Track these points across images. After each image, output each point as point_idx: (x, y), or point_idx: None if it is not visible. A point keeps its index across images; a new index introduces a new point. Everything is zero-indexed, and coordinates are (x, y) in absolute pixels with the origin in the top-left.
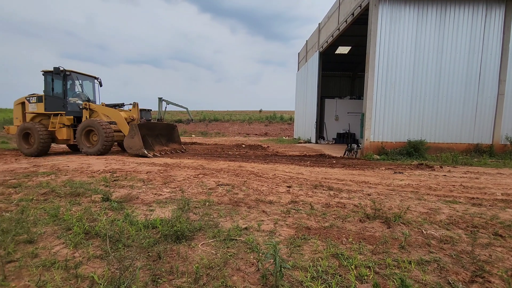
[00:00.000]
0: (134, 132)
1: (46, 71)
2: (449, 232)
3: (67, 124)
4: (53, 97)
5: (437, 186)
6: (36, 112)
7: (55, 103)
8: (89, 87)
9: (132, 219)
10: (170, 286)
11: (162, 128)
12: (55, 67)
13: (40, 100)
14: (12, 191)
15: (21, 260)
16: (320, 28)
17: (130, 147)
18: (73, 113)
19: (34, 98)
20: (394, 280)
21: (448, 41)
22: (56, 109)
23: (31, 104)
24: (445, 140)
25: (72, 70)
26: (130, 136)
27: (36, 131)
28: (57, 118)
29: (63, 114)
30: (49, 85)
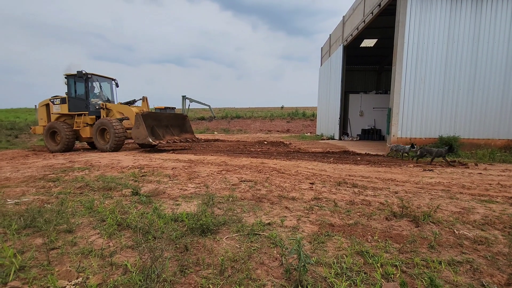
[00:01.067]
0: (138, 122)
1: (69, 75)
2: (484, 233)
3: (89, 123)
4: (76, 99)
5: (471, 185)
6: (60, 113)
7: (78, 104)
8: (108, 88)
9: (160, 212)
10: (197, 277)
11: (171, 119)
12: (78, 70)
13: (64, 101)
14: (52, 184)
15: (62, 247)
16: (344, 21)
17: (137, 137)
18: (94, 113)
19: (58, 99)
20: (422, 280)
21: (485, 30)
22: (79, 109)
23: (55, 106)
24: (480, 135)
25: (92, 73)
26: (135, 127)
27: (62, 129)
28: (81, 118)
29: (86, 114)
30: (72, 87)
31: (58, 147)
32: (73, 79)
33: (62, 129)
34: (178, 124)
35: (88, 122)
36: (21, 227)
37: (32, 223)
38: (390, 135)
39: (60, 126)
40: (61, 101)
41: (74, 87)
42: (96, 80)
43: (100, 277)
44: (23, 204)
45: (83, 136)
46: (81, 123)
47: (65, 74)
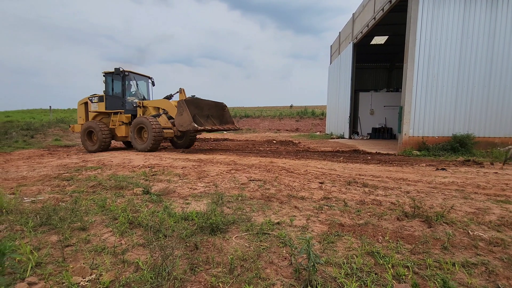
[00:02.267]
0: (182, 108)
1: (106, 72)
2: (500, 234)
3: (125, 122)
4: (113, 97)
5: (486, 185)
6: (98, 111)
7: (114, 102)
8: (144, 86)
9: (170, 211)
10: (207, 275)
11: (212, 108)
12: (116, 68)
13: (101, 99)
14: (66, 183)
15: (77, 245)
16: (354, 19)
17: (180, 125)
18: (130, 111)
19: (95, 98)
20: (435, 281)
21: (502, 23)
22: (116, 107)
23: (93, 104)
24: (497, 134)
25: (129, 71)
26: (179, 114)
27: (98, 129)
28: (117, 116)
29: (122, 112)
30: (109, 85)
31: (95, 147)
32: (110, 76)
33: (98, 128)
34: (218, 114)
35: (123, 120)
36: (37, 225)
37: (48, 221)
38: (402, 133)
39: (96, 125)
40: (99, 99)
41: (112, 85)
42: (133, 78)
43: (113, 274)
44: (39, 202)
45: (119, 135)
46: (117, 121)
47: (104, 72)
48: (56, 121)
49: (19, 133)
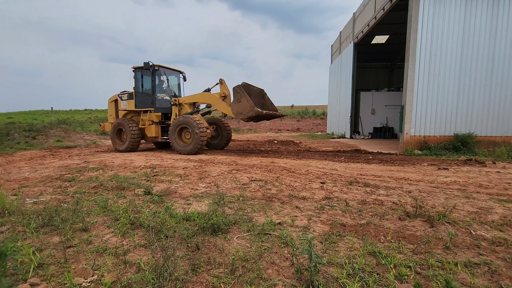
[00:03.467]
0: (240, 94)
1: (136, 67)
2: (503, 234)
3: (155, 121)
4: (143, 94)
5: (489, 184)
6: (127, 109)
7: (144, 100)
8: (175, 82)
9: (171, 211)
10: (209, 276)
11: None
12: (145, 62)
13: (131, 97)
14: (68, 184)
15: (78, 246)
16: (354, 18)
17: (240, 112)
18: (161, 110)
19: (125, 95)
20: (437, 282)
21: (503, 21)
22: (145, 105)
23: (123, 101)
24: (498, 133)
25: (160, 65)
26: (236, 101)
27: (128, 127)
28: (146, 115)
29: (152, 110)
30: (139, 81)
31: (123, 147)
32: (140, 72)
33: (127, 127)
34: (260, 102)
35: (154, 120)
36: (39, 226)
37: (50, 221)
38: (403, 133)
39: (126, 123)
40: (128, 96)
41: (141, 81)
42: (163, 72)
43: (115, 275)
44: (41, 203)
45: (149, 135)
46: (147, 120)
47: (133, 67)
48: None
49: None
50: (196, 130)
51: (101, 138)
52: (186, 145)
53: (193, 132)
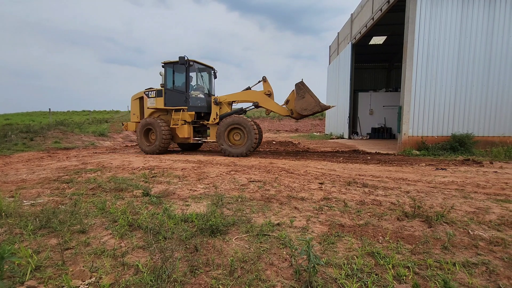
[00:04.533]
0: (303, 90)
1: (166, 62)
2: (501, 234)
3: (188, 120)
4: (174, 91)
5: (486, 184)
6: (155, 107)
7: (176, 98)
8: (206, 79)
9: (170, 213)
10: (207, 277)
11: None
12: (181, 56)
13: (160, 94)
14: (66, 186)
15: (76, 248)
16: (352, 19)
17: (304, 108)
18: (194, 108)
19: (153, 92)
20: (436, 282)
21: (500, 22)
22: (177, 104)
23: (150, 99)
24: (495, 133)
25: (194, 60)
26: (300, 97)
27: (158, 127)
28: (179, 114)
29: (185, 109)
30: (169, 77)
31: (152, 148)
32: (171, 67)
33: (158, 126)
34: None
35: (186, 119)
36: (36, 228)
37: (47, 223)
38: (401, 133)
39: (156, 123)
40: (157, 93)
41: (172, 77)
42: (196, 69)
43: (113, 277)
44: (38, 205)
45: (180, 136)
46: (179, 120)
47: (163, 62)
48: (55, 123)
49: (18, 135)
50: (252, 132)
51: (99, 140)
52: (237, 146)
53: (248, 133)
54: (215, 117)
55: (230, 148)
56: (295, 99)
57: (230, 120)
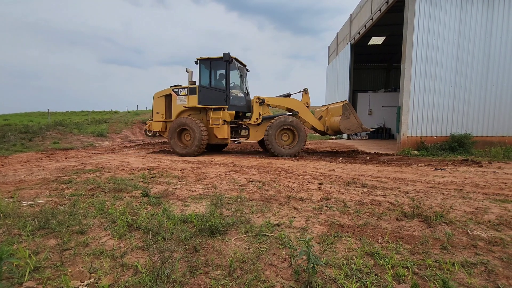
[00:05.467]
0: (349, 112)
1: (203, 59)
2: (499, 234)
3: (228, 120)
4: (211, 89)
5: (485, 184)
6: (188, 106)
7: (213, 96)
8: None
9: (169, 213)
10: (206, 278)
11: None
12: (225, 53)
13: (193, 92)
14: (64, 186)
15: (75, 248)
16: (351, 19)
17: (347, 128)
18: (235, 108)
19: (184, 89)
20: (435, 282)
21: (498, 23)
22: (214, 102)
23: (180, 97)
24: (494, 133)
25: (235, 58)
26: (345, 117)
27: (197, 127)
28: (218, 114)
29: (226, 108)
30: (205, 74)
31: (189, 150)
32: (207, 64)
33: (197, 127)
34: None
35: (226, 119)
36: (35, 229)
37: (46, 224)
38: (400, 133)
39: (194, 123)
40: (189, 91)
41: (209, 74)
42: (236, 67)
43: (112, 278)
44: (37, 206)
45: (219, 136)
46: (220, 119)
47: (198, 58)
48: (54, 124)
49: (17, 136)
50: (303, 134)
51: (98, 140)
52: (288, 147)
53: (299, 135)
54: (257, 117)
55: (281, 149)
56: (341, 119)
57: (283, 121)
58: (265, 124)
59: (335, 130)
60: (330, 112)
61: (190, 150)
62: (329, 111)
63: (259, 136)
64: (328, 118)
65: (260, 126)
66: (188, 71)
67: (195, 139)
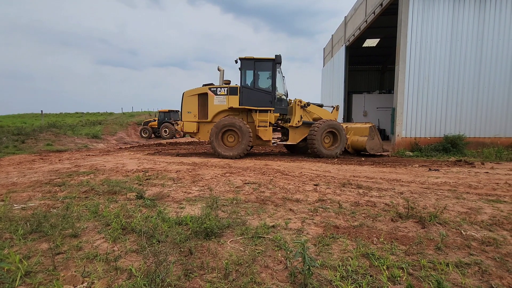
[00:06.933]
0: (374, 133)
1: (247, 58)
2: (492, 234)
3: (272, 122)
4: (255, 90)
5: (478, 184)
6: (230, 106)
7: (257, 97)
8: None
9: (164, 216)
10: (202, 281)
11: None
12: (277, 55)
13: (234, 92)
14: (58, 189)
15: (68, 252)
16: (346, 22)
17: (371, 148)
18: (279, 110)
19: (223, 89)
20: (429, 282)
21: (489, 27)
22: (257, 103)
23: (218, 97)
24: (487, 134)
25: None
26: (371, 138)
27: (245, 129)
28: (265, 115)
29: (272, 110)
30: (249, 75)
31: (235, 152)
32: (251, 64)
33: (245, 128)
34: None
35: (272, 121)
36: (27, 232)
37: (38, 228)
38: (395, 134)
39: (242, 124)
40: (230, 91)
41: (253, 75)
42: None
43: (105, 282)
44: (29, 209)
45: (264, 138)
46: (267, 121)
47: (241, 57)
48: (48, 125)
49: (9, 138)
50: (344, 137)
51: (92, 142)
52: (329, 149)
53: (341, 137)
54: (299, 120)
55: (323, 150)
56: (367, 139)
57: (330, 124)
58: (302, 127)
59: (358, 148)
60: (352, 131)
61: (236, 152)
62: (349, 129)
63: (298, 138)
64: (350, 136)
65: (299, 129)
66: (220, 70)
67: (243, 141)
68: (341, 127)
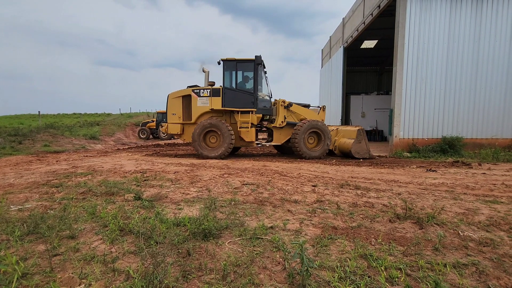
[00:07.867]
0: (361, 137)
1: (228, 60)
2: (490, 234)
3: (254, 123)
4: (238, 91)
5: (475, 185)
6: (212, 108)
7: (239, 98)
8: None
9: (162, 217)
10: (200, 282)
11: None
12: (257, 56)
13: (216, 93)
14: (55, 190)
15: (65, 254)
16: (344, 23)
17: (357, 152)
18: (262, 111)
19: (206, 91)
20: (427, 283)
21: (486, 28)
22: (240, 104)
23: (201, 98)
24: (484, 135)
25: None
26: (357, 141)
27: (226, 130)
28: (247, 117)
29: (254, 111)
30: (230, 76)
31: (216, 152)
32: (233, 65)
33: (226, 129)
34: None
35: (254, 122)
36: (24, 234)
37: (35, 229)
38: (392, 136)
39: (223, 125)
40: (212, 93)
41: (235, 76)
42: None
43: (103, 284)
44: (26, 211)
45: (246, 139)
46: (249, 122)
47: (223, 59)
48: (45, 126)
49: (6, 139)
50: (329, 137)
51: (90, 143)
52: (315, 150)
53: (325, 138)
54: (282, 121)
55: (308, 151)
56: (353, 142)
57: (313, 124)
58: (287, 128)
59: (344, 151)
60: (341, 134)
61: (218, 153)
62: (339, 132)
63: (282, 139)
64: (338, 138)
65: (283, 129)
66: (204, 71)
67: (224, 142)
68: (325, 127)
